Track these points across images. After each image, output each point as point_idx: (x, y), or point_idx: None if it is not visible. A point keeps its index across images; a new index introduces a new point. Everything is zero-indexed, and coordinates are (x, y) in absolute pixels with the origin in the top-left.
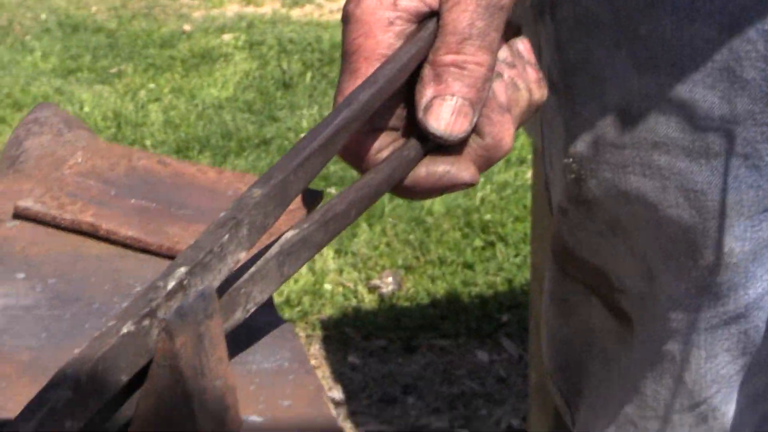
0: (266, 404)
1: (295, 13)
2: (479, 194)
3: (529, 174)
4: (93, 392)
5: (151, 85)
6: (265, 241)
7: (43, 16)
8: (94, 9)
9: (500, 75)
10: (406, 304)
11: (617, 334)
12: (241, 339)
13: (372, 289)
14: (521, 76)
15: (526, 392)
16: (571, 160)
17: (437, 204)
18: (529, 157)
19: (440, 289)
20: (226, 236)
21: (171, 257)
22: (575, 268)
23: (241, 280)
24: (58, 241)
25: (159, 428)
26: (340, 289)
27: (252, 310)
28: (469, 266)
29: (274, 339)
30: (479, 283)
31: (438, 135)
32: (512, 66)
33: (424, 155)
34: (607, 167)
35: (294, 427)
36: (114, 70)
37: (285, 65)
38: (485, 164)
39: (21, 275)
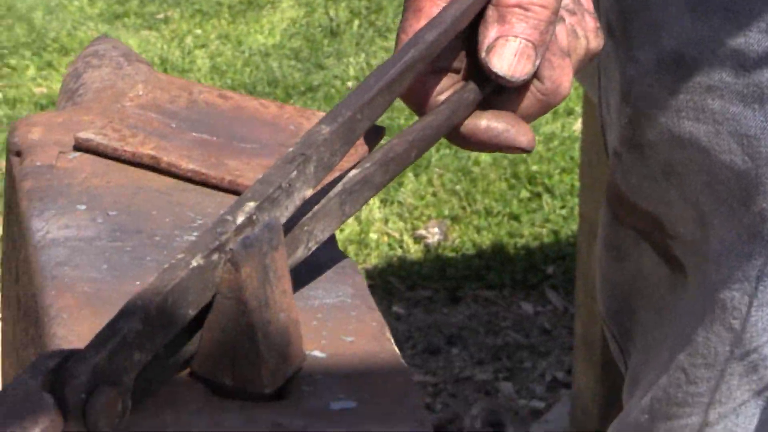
0: (329, 340)
1: None
2: None
3: (576, 125)
4: (161, 325)
5: (198, 31)
6: (327, 178)
7: None
8: None
9: (562, 19)
10: (452, 254)
11: (669, 280)
12: (303, 274)
13: (417, 239)
14: (580, 24)
15: (570, 345)
16: (625, 104)
17: (484, 154)
18: (577, 108)
19: (486, 239)
20: (294, 172)
21: (232, 191)
22: (628, 213)
23: (304, 217)
24: (118, 173)
25: (223, 360)
26: (386, 238)
27: (313, 248)
28: (515, 217)
29: (336, 275)
30: (525, 235)
31: (500, 75)
32: (573, 13)
33: (484, 99)
34: (660, 111)
35: (357, 364)
36: (161, 16)
37: (332, 13)
38: (542, 109)
39: (82, 207)
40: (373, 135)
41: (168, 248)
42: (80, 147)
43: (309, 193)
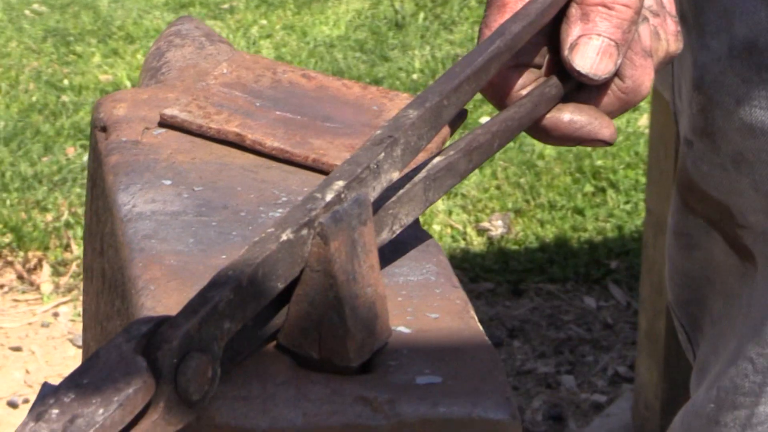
0: (414, 316)
1: None
2: None
3: (641, 121)
4: (252, 296)
5: (263, 22)
6: (411, 165)
7: None
8: None
9: (646, 19)
10: (515, 247)
11: (739, 270)
12: (388, 253)
13: (481, 232)
14: (662, 26)
15: (633, 339)
16: (697, 91)
17: (549, 148)
18: (642, 104)
19: (549, 233)
20: (382, 154)
21: (316, 169)
22: (698, 201)
23: (389, 201)
24: (203, 150)
25: (310, 333)
26: (449, 230)
27: (398, 231)
28: (579, 211)
29: (420, 254)
30: (589, 229)
31: (583, 73)
32: (656, 15)
33: (566, 95)
34: (732, 100)
35: (442, 340)
36: (226, 6)
37: (397, 5)
38: (622, 108)
39: (167, 182)
40: (457, 118)
41: (253, 224)
42: (165, 123)
43: (396, 175)
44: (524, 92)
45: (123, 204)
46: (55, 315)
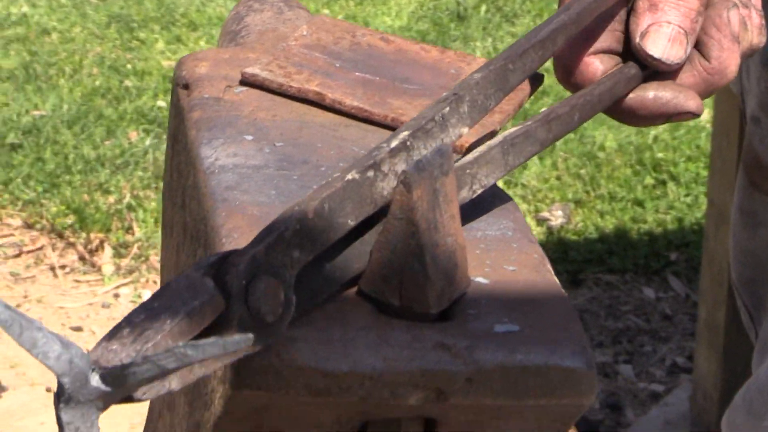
0: (492, 268)
1: None
2: (652, 133)
3: (702, 116)
4: (320, 229)
5: (326, 11)
6: (488, 126)
7: None
8: None
9: (736, 6)
10: (574, 237)
11: None
12: (466, 208)
13: (540, 222)
14: (749, 18)
15: (691, 331)
16: (765, 69)
17: (609, 140)
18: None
19: (609, 224)
20: (447, 108)
21: (395, 128)
22: (765, 179)
23: (467, 161)
24: (283, 108)
25: (391, 280)
26: None
27: (478, 191)
28: (639, 203)
29: (498, 210)
30: (648, 221)
31: (656, 58)
32: (745, 6)
33: (643, 80)
34: None
35: (519, 291)
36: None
37: None
38: (706, 90)
39: (249, 137)
40: (533, 81)
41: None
42: (247, 82)
43: (465, 130)
44: (601, 76)
45: (206, 157)
46: (116, 296)
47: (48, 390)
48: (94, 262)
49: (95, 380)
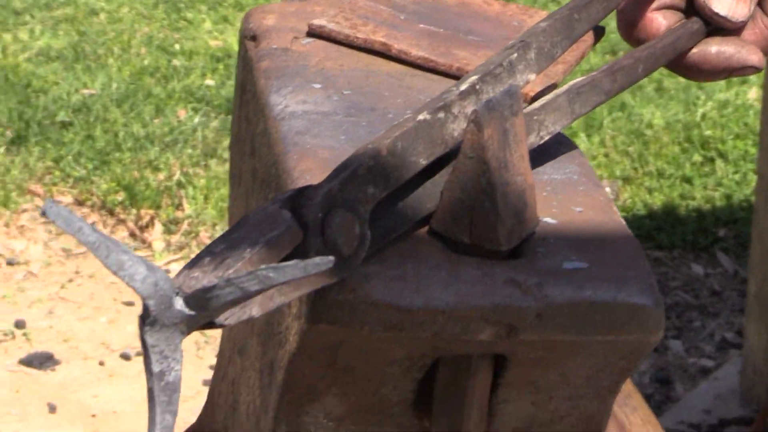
0: (559, 209)
1: None
2: (700, 110)
3: (750, 93)
4: (393, 166)
5: None
6: (551, 76)
7: None
8: None
9: None
10: (623, 214)
11: None
12: (532, 153)
13: None
14: None
15: (740, 306)
16: None
17: (657, 118)
18: (752, 78)
19: (657, 201)
20: (515, 54)
21: (460, 78)
22: None
23: (534, 108)
24: (350, 58)
25: (462, 219)
26: None
27: (545, 137)
28: (687, 180)
29: (563, 156)
30: (697, 197)
31: (722, 16)
32: None
33: (706, 36)
34: None
35: (587, 231)
36: None
37: None
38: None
39: (317, 86)
40: (595, 33)
41: None
42: (313, 33)
43: (532, 77)
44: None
45: (275, 104)
46: (167, 272)
47: (101, 364)
48: (144, 239)
49: (179, 304)
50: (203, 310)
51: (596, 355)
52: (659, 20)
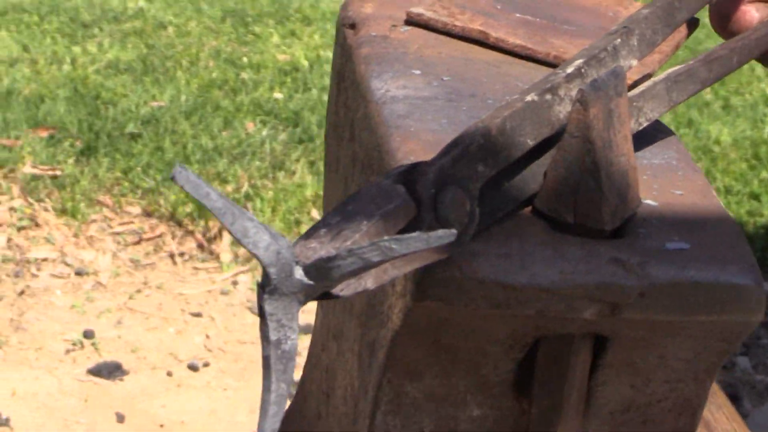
0: (659, 192)
1: None
2: (767, 127)
3: None
4: (502, 145)
5: None
6: (648, 64)
7: None
8: None
9: None
10: None
11: None
12: (632, 138)
13: None
14: None
15: None
16: None
17: (724, 134)
18: None
19: None
20: (619, 40)
21: (557, 66)
22: None
23: (633, 94)
24: (448, 46)
25: (566, 198)
26: None
27: (644, 124)
28: (755, 197)
29: (661, 142)
30: (765, 214)
31: None
32: None
33: None
34: None
35: (687, 213)
36: None
37: None
38: None
39: (417, 72)
40: (690, 24)
41: None
42: (412, 21)
43: (634, 63)
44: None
45: (377, 89)
46: (234, 283)
47: (169, 374)
48: (212, 250)
49: (299, 273)
50: (323, 279)
51: (696, 336)
52: (752, 13)
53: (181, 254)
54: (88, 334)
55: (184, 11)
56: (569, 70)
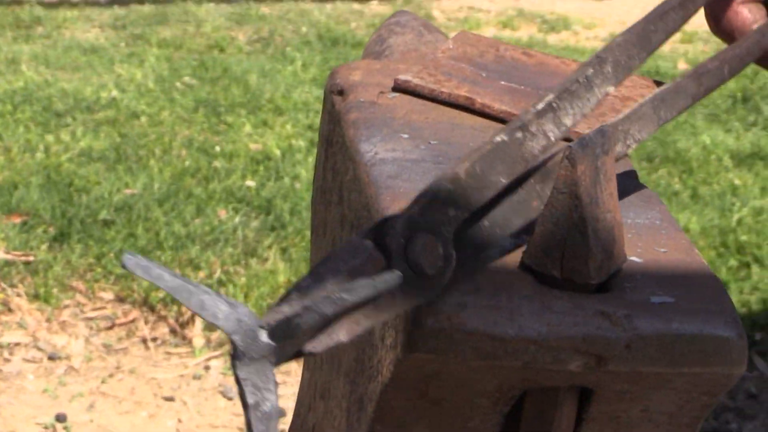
0: (644, 249)
1: (552, 38)
2: (735, 216)
3: None
4: (473, 187)
5: None
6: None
7: (304, 29)
8: (353, 25)
9: None
10: None
11: None
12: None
13: None
14: None
15: None
16: None
17: (693, 223)
18: None
19: None
20: (591, 70)
21: None
22: None
23: (618, 119)
24: (435, 111)
25: (553, 253)
26: None
27: (632, 146)
28: (723, 284)
29: (643, 202)
30: (733, 302)
31: None
32: None
33: None
34: None
35: (671, 269)
36: None
37: None
38: None
39: (405, 135)
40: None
41: None
42: (399, 88)
43: (611, 89)
44: (755, 27)
45: (366, 152)
46: (207, 368)
47: None
48: (185, 335)
49: (264, 336)
50: (288, 338)
51: (680, 389)
52: (745, 14)
53: (154, 339)
54: (60, 418)
55: (157, 101)
56: (540, 105)
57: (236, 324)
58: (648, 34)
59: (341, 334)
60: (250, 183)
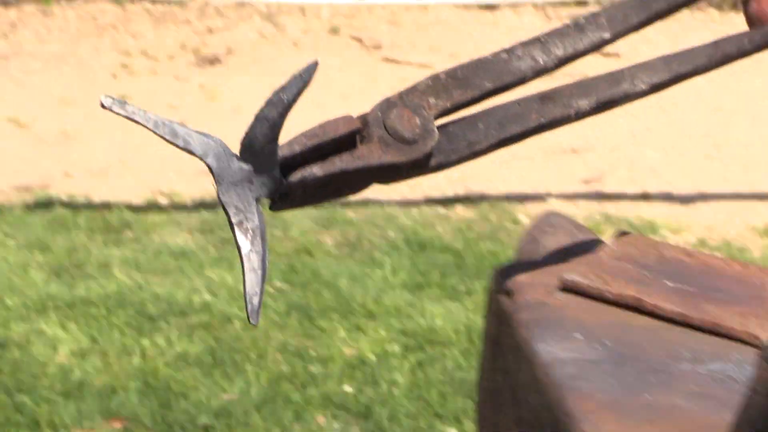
0: None
1: None
2: None
3: None
4: (453, 85)
5: None
6: None
7: (391, 234)
8: (440, 229)
9: None
10: None
11: None
12: None
13: None
14: None
15: None
16: None
17: None
18: None
19: None
20: (583, 20)
21: (713, 332)
22: None
23: (625, 66)
24: (604, 312)
25: None
26: None
27: (639, 86)
28: None
29: None
30: None
31: None
32: None
33: None
34: None
35: None
36: (463, 288)
37: None
38: None
39: (578, 336)
40: None
41: (666, 373)
42: (566, 288)
43: (606, 35)
44: None
45: (543, 352)
46: None
47: None
48: None
49: (236, 161)
50: (254, 156)
51: None
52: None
53: None
54: None
55: None
56: (526, 40)
57: (207, 147)
58: (650, 1)
59: (315, 168)
60: (348, 388)
